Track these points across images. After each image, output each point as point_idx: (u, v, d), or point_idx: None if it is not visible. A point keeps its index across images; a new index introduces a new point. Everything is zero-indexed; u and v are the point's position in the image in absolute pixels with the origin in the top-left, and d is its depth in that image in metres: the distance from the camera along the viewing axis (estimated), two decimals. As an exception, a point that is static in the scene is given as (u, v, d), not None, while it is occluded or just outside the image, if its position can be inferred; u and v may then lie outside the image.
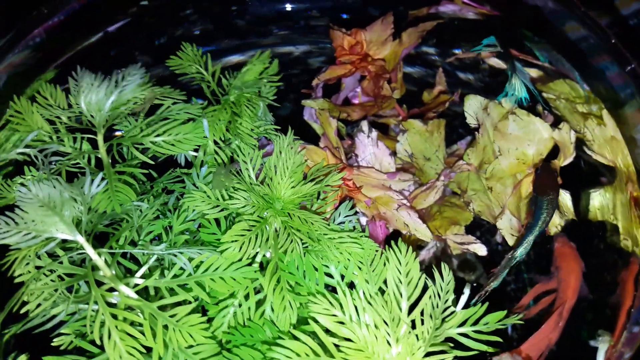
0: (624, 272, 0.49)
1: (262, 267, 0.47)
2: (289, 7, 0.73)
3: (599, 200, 0.56)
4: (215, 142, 0.56)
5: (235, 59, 0.73)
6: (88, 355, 0.46)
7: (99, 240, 0.47)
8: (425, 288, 0.44)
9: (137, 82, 0.56)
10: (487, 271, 0.57)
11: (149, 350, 0.42)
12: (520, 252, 0.54)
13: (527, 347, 0.49)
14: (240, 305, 0.47)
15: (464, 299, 0.44)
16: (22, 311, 0.46)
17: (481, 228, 0.61)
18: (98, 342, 0.42)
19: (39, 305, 0.47)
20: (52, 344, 0.47)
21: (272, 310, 0.46)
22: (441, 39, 0.71)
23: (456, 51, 0.71)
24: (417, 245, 0.58)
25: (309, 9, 0.73)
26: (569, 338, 0.50)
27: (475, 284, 0.56)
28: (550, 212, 0.54)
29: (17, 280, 0.48)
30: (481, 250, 0.55)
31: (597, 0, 0.81)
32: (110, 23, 0.65)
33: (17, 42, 0.59)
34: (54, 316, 0.47)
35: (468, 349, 0.43)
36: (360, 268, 0.46)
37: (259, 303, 0.47)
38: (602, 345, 0.45)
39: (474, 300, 0.53)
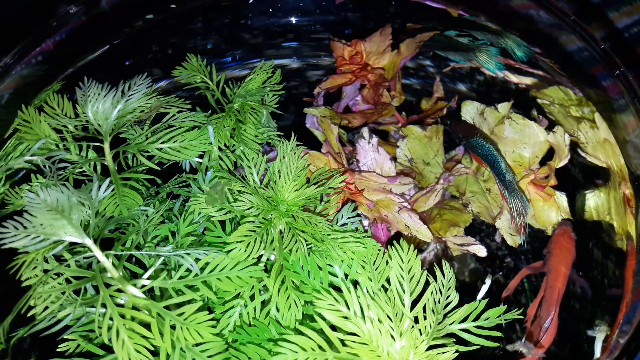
0: (622, 267, 0.50)
1: (267, 271, 0.48)
2: (293, 20, 0.75)
3: (594, 200, 0.58)
4: (220, 149, 0.58)
5: (237, 73, 0.75)
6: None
7: (104, 246, 0.48)
8: (426, 286, 0.45)
9: (143, 92, 0.58)
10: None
11: (155, 352, 0.43)
12: (508, 178, 0.57)
13: (546, 341, 0.50)
14: (245, 306, 0.47)
15: (485, 288, 0.45)
16: (29, 314, 0.47)
17: (480, 232, 0.62)
18: (107, 342, 0.43)
19: (46, 308, 0.47)
20: (58, 349, 0.47)
21: (277, 310, 0.47)
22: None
23: (452, 63, 0.73)
24: (418, 248, 0.59)
25: (312, 24, 0.76)
26: (568, 329, 0.51)
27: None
28: (490, 142, 0.58)
29: (24, 284, 0.48)
30: (481, 251, 0.56)
31: (592, 14, 0.84)
32: (117, 36, 0.67)
33: (26, 54, 0.60)
34: (60, 320, 0.48)
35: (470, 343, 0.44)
36: (363, 267, 0.47)
37: (264, 304, 0.48)
38: (600, 335, 0.46)
39: (522, 241, 0.57)
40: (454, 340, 0.44)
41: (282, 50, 0.76)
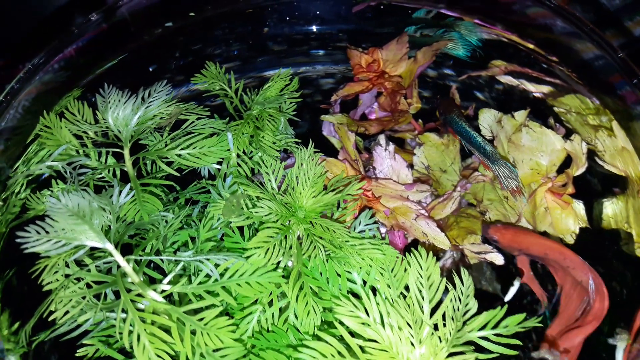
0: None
1: (286, 277, 0.48)
2: (314, 28, 0.76)
3: (612, 208, 0.57)
4: (238, 155, 0.58)
5: (253, 82, 0.76)
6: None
7: (123, 251, 0.48)
8: (444, 293, 0.45)
9: (163, 99, 0.59)
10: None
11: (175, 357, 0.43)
12: (488, 149, 0.59)
13: (569, 344, 0.49)
14: (264, 312, 0.48)
15: (513, 290, 0.45)
16: (50, 318, 0.47)
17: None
18: (127, 346, 0.43)
19: (66, 312, 0.48)
20: (77, 354, 0.48)
21: (296, 316, 0.47)
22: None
23: (468, 71, 0.73)
24: (435, 256, 0.59)
25: (334, 33, 0.76)
26: (590, 338, 0.51)
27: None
28: (464, 120, 0.61)
29: (45, 288, 0.49)
30: (498, 259, 0.56)
31: (608, 22, 0.84)
32: (136, 43, 0.68)
33: (49, 61, 0.61)
34: (80, 325, 0.48)
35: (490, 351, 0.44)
36: (382, 274, 0.48)
37: (282, 310, 0.48)
38: (621, 343, 0.46)
39: (524, 201, 0.58)
40: (473, 347, 0.44)
41: (298, 58, 0.77)
